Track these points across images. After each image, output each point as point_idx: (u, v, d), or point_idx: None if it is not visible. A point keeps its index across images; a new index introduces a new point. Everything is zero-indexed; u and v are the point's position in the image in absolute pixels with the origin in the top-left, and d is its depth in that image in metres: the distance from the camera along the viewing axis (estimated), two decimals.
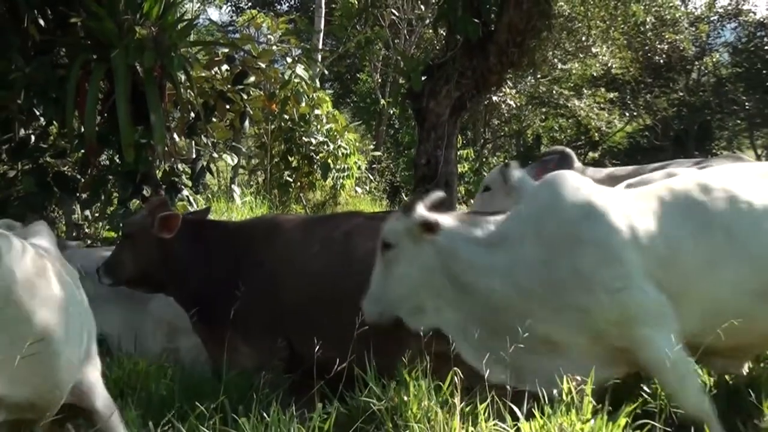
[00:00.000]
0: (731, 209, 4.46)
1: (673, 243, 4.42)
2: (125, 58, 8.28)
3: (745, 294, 4.38)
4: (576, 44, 20.98)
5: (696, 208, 4.50)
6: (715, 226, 4.44)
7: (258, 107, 11.51)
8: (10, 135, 8.91)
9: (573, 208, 4.53)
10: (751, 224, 4.44)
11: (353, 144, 15.30)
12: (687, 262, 4.40)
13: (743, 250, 4.41)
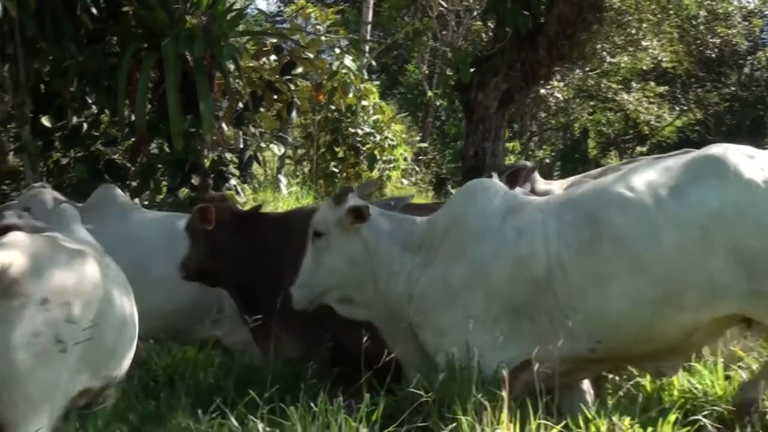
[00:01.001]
0: (625, 219, 4.33)
1: (559, 262, 4.36)
2: (176, 47, 8.36)
3: (645, 304, 4.29)
4: (626, 37, 20.71)
5: (586, 221, 4.40)
6: (606, 237, 4.34)
7: (305, 98, 11.55)
8: (64, 122, 9.04)
9: (473, 224, 4.59)
10: (646, 232, 4.30)
11: (399, 135, 15.28)
12: (574, 281, 4.33)
13: (638, 260, 4.29)
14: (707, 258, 4.20)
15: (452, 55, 9.75)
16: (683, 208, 4.26)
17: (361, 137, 14.62)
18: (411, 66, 23.62)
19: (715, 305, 4.26)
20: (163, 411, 4.08)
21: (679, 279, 4.24)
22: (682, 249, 4.23)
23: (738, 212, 4.20)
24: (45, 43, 8.66)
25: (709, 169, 4.33)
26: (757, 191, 4.23)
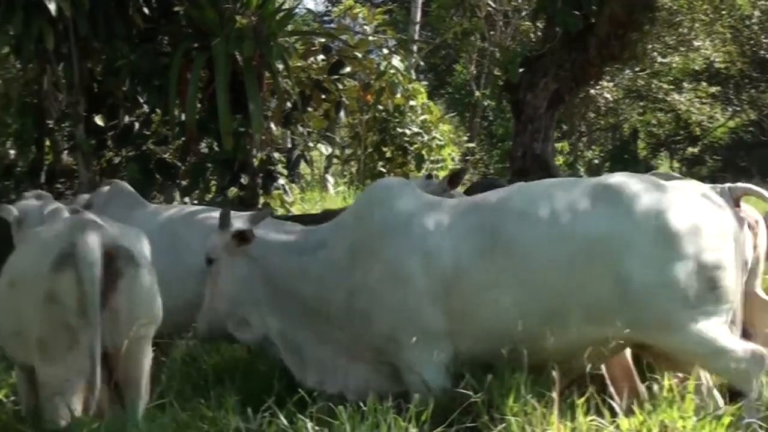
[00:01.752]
0: (520, 230, 4.41)
1: (461, 264, 4.43)
2: (226, 46, 8.43)
3: (531, 316, 4.33)
4: (677, 38, 20.47)
5: (487, 227, 4.47)
6: (501, 246, 4.41)
7: (353, 97, 11.57)
8: (116, 121, 9.15)
9: (380, 222, 4.65)
10: (538, 247, 4.37)
11: (447, 135, 15.25)
12: (471, 284, 4.41)
13: (530, 272, 4.36)
14: (593, 280, 4.28)
15: (501, 55, 9.73)
16: (574, 230, 4.34)
17: (408, 137, 14.61)
18: (459, 66, 23.53)
19: (600, 327, 4.31)
20: (213, 410, 4.09)
21: (565, 297, 4.31)
22: (569, 269, 4.31)
23: (624, 242, 4.27)
24: (98, 43, 8.78)
25: (606, 196, 4.40)
26: (644, 223, 4.29)
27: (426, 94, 15.23)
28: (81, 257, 3.99)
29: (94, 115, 9.03)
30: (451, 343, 4.49)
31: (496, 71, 18.98)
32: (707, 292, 4.28)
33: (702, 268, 4.28)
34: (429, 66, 25.70)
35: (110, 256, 4.08)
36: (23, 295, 4.14)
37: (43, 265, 4.05)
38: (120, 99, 9.15)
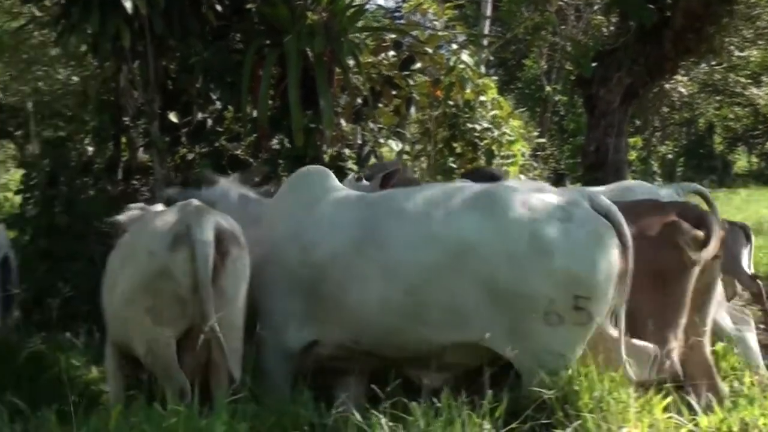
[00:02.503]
0: (393, 228, 4.55)
1: (336, 254, 4.67)
2: (297, 43, 8.47)
3: (392, 312, 4.49)
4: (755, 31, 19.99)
5: (365, 222, 4.67)
6: (374, 241, 4.59)
7: (423, 93, 11.52)
8: (189, 119, 9.27)
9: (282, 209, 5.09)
10: (405, 245, 4.48)
11: (518, 131, 15.08)
12: (342, 273, 4.63)
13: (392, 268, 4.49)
14: (455, 283, 4.35)
15: (573, 49, 9.64)
16: (443, 231, 4.42)
17: (478, 132, 14.47)
18: (529, 61, 23.34)
19: (459, 329, 4.40)
20: (287, 405, 4.12)
21: (425, 296, 4.40)
22: (432, 269, 4.40)
23: (492, 248, 4.32)
24: (172, 41, 8.90)
25: (482, 203, 4.45)
26: (514, 233, 4.32)
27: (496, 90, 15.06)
28: (196, 238, 4.44)
29: (169, 112, 9.14)
30: (316, 330, 4.74)
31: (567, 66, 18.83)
32: (570, 310, 4.27)
33: (570, 284, 4.25)
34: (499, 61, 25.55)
35: (218, 239, 4.53)
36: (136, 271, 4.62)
37: (161, 244, 4.54)
38: (193, 96, 9.26)
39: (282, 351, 4.84)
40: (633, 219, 4.91)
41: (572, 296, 4.27)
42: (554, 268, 4.28)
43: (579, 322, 4.29)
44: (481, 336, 4.36)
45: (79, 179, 8.90)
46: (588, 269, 4.29)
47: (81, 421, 4.02)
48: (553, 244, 4.29)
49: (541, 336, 4.30)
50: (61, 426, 3.96)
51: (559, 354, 4.29)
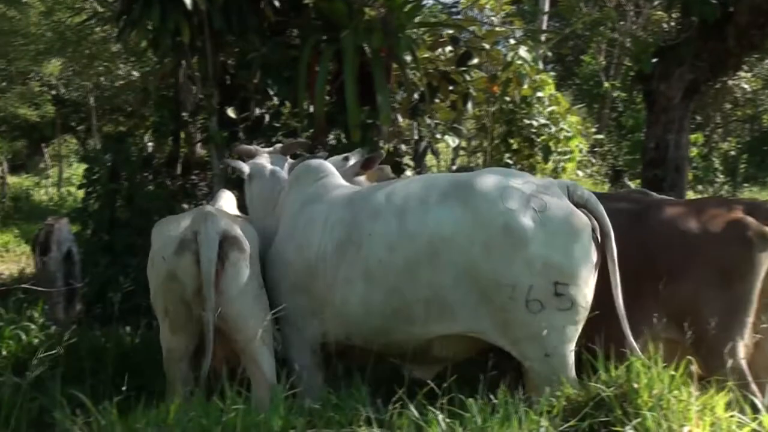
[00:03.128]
0: (370, 227, 4.57)
1: (325, 254, 4.73)
2: (354, 39, 8.47)
3: (375, 313, 4.54)
4: None
5: (348, 221, 4.72)
6: (354, 242, 4.63)
7: (480, 89, 11.46)
8: (247, 114, 9.32)
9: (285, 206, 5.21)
10: (383, 244, 4.49)
11: (575, 127, 14.95)
12: (329, 274, 4.69)
13: (372, 269, 4.53)
14: (435, 277, 4.36)
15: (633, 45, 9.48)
16: (419, 227, 4.44)
17: (536, 129, 14.37)
18: (587, 57, 23.09)
19: (444, 322, 4.41)
20: (343, 400, 4.13)
21: (407, 293, 4.42)
22: (411, 265, 4.41)
23: (469, 239, 4.32)
24: (231, 36, 8.97)
25: (457, 193, 4.45)
26: (490, 223, 4.32)
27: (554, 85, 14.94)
28: (201, 244, 4.74)
29: (227, 108, 9.21)
30: (317, 324, 4.80)
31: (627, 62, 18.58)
32: (551, 296, 4.27)
33: (548, 270, 4.27)
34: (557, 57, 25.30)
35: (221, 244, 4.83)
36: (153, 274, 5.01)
37: (169, 250, 4.86)
38: (251, 91, 9.31)
39: (303, 344, 4.93)
40: (696, 216, 4.84)
41: (551, 283, 4.30)
42: (531, 257, 4.31)
43: (561, 308, 4.31)
44: (468, 327, 4.43)
45: (139, 174, 9.00)
46: (564, 256, 4.33)
47: (141, 414, 4.07)
48: (527, 233, 4.32)
49: (526, 323, 4.34)
50: (122, 419, 4.01)
51: (547, 339, 4.32)
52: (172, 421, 3.93)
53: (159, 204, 8.49)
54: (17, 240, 15.06)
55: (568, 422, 3.95)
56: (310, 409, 4.11)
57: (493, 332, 4.42)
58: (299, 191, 5.19)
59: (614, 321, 4.59)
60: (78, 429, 3.99)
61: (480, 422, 3.83)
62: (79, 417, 4.14)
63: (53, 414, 4.39)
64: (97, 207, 8.63)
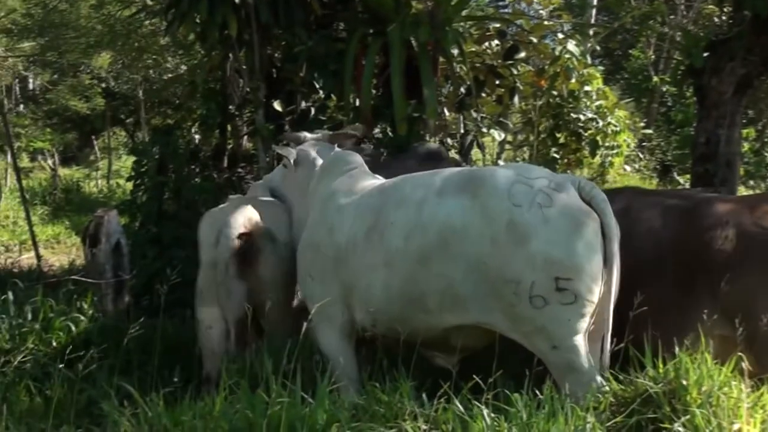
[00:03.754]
0: (394, 216, 4.66)
1: (353, 241, 4.82)
2: (401, 32, 8.46)
3: (395, 299, 4.61)
4: None
5: (376, 210, 4.80)
6: (378, 230, 4.71)
7: (527, 83, 11.39)
8: (293, 107, 9.35)
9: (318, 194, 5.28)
10: (402, 233, 4.59)
11: (623, 121, 14.82)
12: (356, 261, 4.78)
13: (391, 257, 4.60)
14: (448, 268, 4.44)
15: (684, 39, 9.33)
16: (431, 218, 4.51)
17: (583, 123, 14.28)
18: (636, 51, 22.84)
19: (457, 313, 4.46)
20: (388, 394, 4.12)
21: (420, 282, 4.52)
22: (424, 255, 4.50)
23: (478, 233, 4.38)
24: (278, 30, 9.00)
25: (468, 186, 4.50)
26: (496, 218, 4.37)
27: (602, 80, 14.84)
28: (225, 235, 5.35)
29: (273, 101, 9.25)
30: (347, 310, 4.88)
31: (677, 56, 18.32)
32: (553, 291, 4.26)
33: (549, 266, 4.26)
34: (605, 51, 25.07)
35: (250, 235, 5.37)
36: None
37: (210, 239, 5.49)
38: (297, 84, 9.34)
39: (334, 333, 4.99)
40: (749, 212, 4.77)
41: (553, 278, 4.28)
42: (531, 252, 4.30)
43: (564, 302, 4.29)
44: (479, 319, 4.47)
45: (187, 167, 9.07)
46: (565, 251, 4.30)
47: (188, 406, 4.11)
48: (530, 229, 4.32)
49: (531, 318, 4.34)
50: (169, 411, 4.05)
51: (554, 333, 4.31)
52: (218, 413, 3.95)
53: (206, 196, 8.54)
54: (68, 231, 15.29)
55: (614, 418, 3.91)
56: (355, 403, 4.11)
57: (503, 325, 4.46)
58: (330, 180, 5.26)
59: (662, 316, 4.54)
60: (126, 420, 4.03)
61: (525, 417, 3.80)
62: (126, 408, 4.18)
63: (101, 405, 4.43)
64: (145, 199, 8.71)
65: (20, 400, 4.84)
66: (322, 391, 3.97)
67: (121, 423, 4.03)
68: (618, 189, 5.91)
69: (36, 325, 5.63)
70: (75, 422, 4.46)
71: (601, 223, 4.43)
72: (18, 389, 4.91)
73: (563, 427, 3.75)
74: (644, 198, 5.35)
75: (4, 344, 5.40)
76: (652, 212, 5.06)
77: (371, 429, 3.85)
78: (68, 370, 5.08)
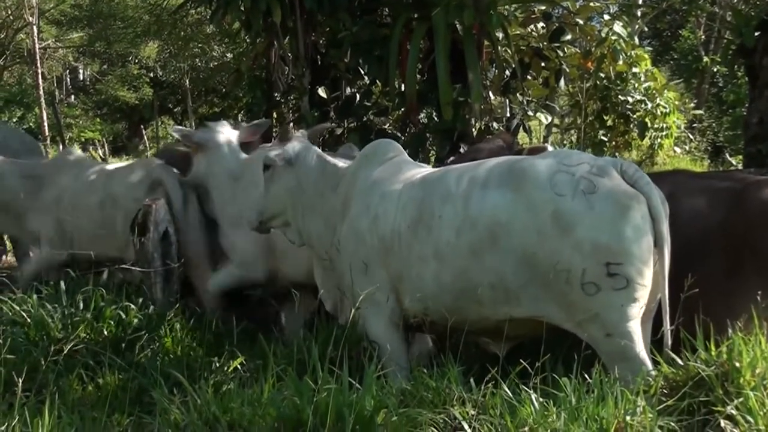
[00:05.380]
0: (440, 209, 4.64)
1: (398, 231, 4.79)
2: (446, 16, 8.39)
3: (447, 291, 4.59)
4: None
5: (420, 201, 4.75)
6: (425, 222, 4.68)
7: (574, 65, 11.27)
8: (338, 93, 9.36)
9: (360, 182, 5.14)
10: (451, 226, 4.57)
11: (672, 103, 14.64)
12: (403, 251, 4.75)
13: (441, 250, 4.58)
14: (497, 261, 4.43)
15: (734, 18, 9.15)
16: (479, 212, 4.51)
17: (631, 105, 14.14)
18: (685, 31, 22.53)
19: (510, 305, 4.46)
20: (436, 379, 4.11)
21: (472, 275, 4.50)
22: (474, 248, 4.49)
23: (524, 225, 4.37)
24: (322, 16, 9.00)
25: (510, 179, 4.50)
26: (540, 208, 4.35)
27: (650, 61, 14.68)
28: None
29: (318, 88, 9.27)
30: (395, 298, 4.86)
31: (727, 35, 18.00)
32: (604, 277, 4.23)
33: (598, 252, 4.23)
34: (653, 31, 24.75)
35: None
36: None
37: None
38: (342, 71, 9.34)
39: (383, 320, 4.94)
40: None
41: (603, 264, 4.24)
42: (579, 240, 4.27)
43: (617, 287, 4.25)
44: (532, 311, 4.45)
45: None
46: (613, 236, 4.25)
47: (236, 393, 4.13)
48: (575, 217, 4.29)
49: (584, 306, 4.29)
50: (218, 398, 4.08)
51: (607, 319, 4.27)
52: (266, 400, 3.97)
53: None
54: None
55: (665, 402, 3.86)
56: (402, 388, 4.10)
57: (558, 316, 4.42)
58: (370, 169, 5.20)
59: (711, 299, 4.48)
60: (175, 408, 4.06)
61: (574, 402, 3.76)
62: (176, 396, 4.22)
63: (152, 393, 4.48)
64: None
65: (72, 388, 4.89)
66: (370, 378, 3.97)
67: (171, 411, 4.06)
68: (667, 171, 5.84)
69: (87, 314, 5.69)
70: (127, 410, 4.52)
71: (648, 205, 4.38)
72: (70, 378, 4.96)
73: (613, 410, 3.71)
74: (693, 181, 5.28)
75: (56, 333, 5.46)
76: (700, 195, 5.00)
77: (419, 415, 3.84)
78: (119, 358, 5.14)
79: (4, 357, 4.78)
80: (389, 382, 4.22)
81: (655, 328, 4.40)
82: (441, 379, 4.12)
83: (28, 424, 3.96)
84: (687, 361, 4.10)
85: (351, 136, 9.07)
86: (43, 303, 5.71)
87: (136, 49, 24.56)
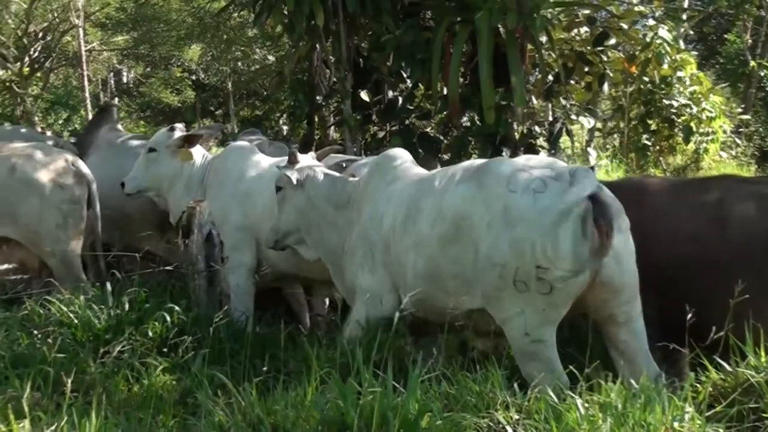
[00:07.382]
0: (425, 204, 4.85)
1: (394, 227, 5.02)
2: (489, 19, 8.36)
3: (422, 280, 4.79)
4: None
5: (412, 198, 4.98)
6: (413, 217, 4.90)
7: (617, 69, 11.19)
8: (380, 96, 9.36)
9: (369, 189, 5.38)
10: (429, 219, 4.77)
11: (718, 107, 14.47)
12: (396, 246, 5.00)
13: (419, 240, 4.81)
14: (459, 252, 4.61)
15: None
16: (448, 205, 4.69)
17: (676, 109, 14.00)
18: (731, 35, 22.27)
19: (469, 296, 4.60)
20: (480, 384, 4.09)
21: (441, 264, 4.71)
22: (442, 239, 4.69)
23: (480, 218, 4.51)
24: (364, 19, 9.00)
25: (477, 175, 4.66)
26: (494, 203, 4.47)
27: (695, 65, 14.53)
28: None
29: (360, 91, 9.28)
30: (395, 297, 5.04)
31: None
32: (533, 279, 4.31)
33: (532, 253, 4.30)
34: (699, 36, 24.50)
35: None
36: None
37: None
38: (384, 74, 9.34)
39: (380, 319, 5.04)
40: None
41: (534, 266, 4.31)
42: (518, 238, 4.35)
43: (541, 292, 4.33)
44: (481, 303, 4.57)
45: None
46: (546, 240, 4.29)
47: (280, 395, 4.14)
48: (520, 213, 4.37)
49: (514, 302, 4.40)
50: (261, 400, 4.09)
51: (529, 319, 4.38)
52: (309, 402, 3.98)
53: None
54: None
55: (714, 408, 3.81)
56: (446, 392, 4.09)
57: (491, 309, 4.54)
58: (382, 177, 5.40)
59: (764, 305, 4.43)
60: (219, 410, 4.08)
61: (620, 407, 3.73)
62: (220, 398, 4.24)
63: (197, 395, 4.51)
64: None
65: (118, 389, 4.93)
66: (414, 381, 3.96)
67: (215, 412, 4.08)
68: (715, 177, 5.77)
69: (133, 315, 5.75)
70: (171, 412, 4.54)
71: (595, 214, 4.31)
72: (116, 379, 5.01)
73: (660, 417, 3.66)
74: (742, 186, 5.23)
75: (103, 334, 5.52)
76: (750, 200, 4.96)
77: (463, 419, 3.83)
78: (164, 359, 5.18)
79: (53, 357, 4.85)
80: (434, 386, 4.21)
81: (703, 335, 4.35)
82: (485, 383, 4.11)
83: (75, 425, 4.00)
84: (736, 367, 4.05)
85: (394, 139, 9.06)
86: (90, 304, 5.77)
87: (179, 52, 24.78)
